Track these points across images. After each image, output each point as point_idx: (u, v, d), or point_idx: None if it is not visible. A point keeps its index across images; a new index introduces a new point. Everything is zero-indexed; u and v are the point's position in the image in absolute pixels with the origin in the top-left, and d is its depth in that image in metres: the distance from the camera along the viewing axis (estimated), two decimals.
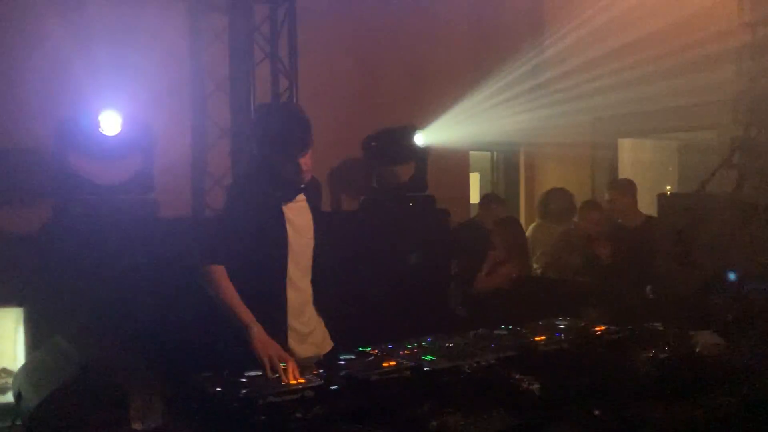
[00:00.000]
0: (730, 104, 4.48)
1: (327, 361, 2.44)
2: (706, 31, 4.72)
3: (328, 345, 2.90)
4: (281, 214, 2.70)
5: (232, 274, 2.57)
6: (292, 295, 2.73)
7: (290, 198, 2.72)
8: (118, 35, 4.27)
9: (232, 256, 2.58)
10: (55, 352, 2.48)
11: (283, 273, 2.70)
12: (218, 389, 2.13)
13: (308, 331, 2.81)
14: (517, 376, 2.21)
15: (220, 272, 2.55)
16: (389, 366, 2.31)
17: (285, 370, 2.26)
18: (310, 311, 2.84)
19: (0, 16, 4.02)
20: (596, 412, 2.08)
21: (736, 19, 4.48)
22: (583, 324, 2.97)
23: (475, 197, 6.85)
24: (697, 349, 2.68)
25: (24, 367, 2.53)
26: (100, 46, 4.16)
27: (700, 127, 5.61)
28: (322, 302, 2.89)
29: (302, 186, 2.73)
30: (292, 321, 2.74)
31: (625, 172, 6.67)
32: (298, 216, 2.76)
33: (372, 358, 2.46)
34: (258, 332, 2.44)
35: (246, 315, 2.50)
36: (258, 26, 4.96)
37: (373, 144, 4.97)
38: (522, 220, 6.73)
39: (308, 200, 2.81)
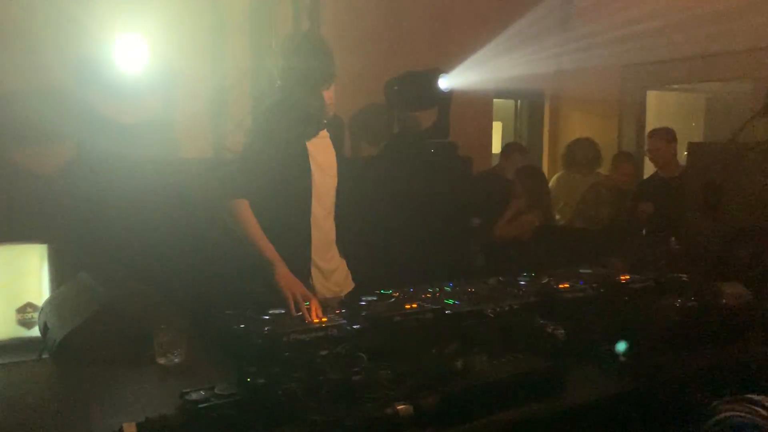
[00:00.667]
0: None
1: (349, 302, 2.43)
2: None
3: (349, 285, 2.90)
4: (305, 150, 2.66)
5: (255, 210, 2.55)
6: (315, 232, 2.71)
7: (314, 133, 2.68)
8: None
9: (256, 192, 2.56)
10: (80, 287, 2.50)
11: (307, 210, 2.68)
12: (242, 326, 2.14)
13: (331, 269, 2.81)
14: (541, 321, 2.19)
15: (244, 207, 2.53)
16: (411, 308, 2.30)
17: (308, 309, 2.26)
18: (333, 250, 2.84)
19: None
20: (621, 358, 2.07)
21: None
22: (607, 272, 2.94)
23: (497, 147, 6.75)
24: (723, 300, 2.64)
25: (50, 302, 2.56)
26: None
27: (734, 77, 5.42)
28: (344, 242, 2.87)
29: (325, 121, 2.68)
30: (316, 258, 2.74)
31: (651, 124, 6.51)
32: (322, 153, 2.73)
33: (394, 300, 2.45)
34: (282, 269, 2.44)
35: (271, 251, 2.49)
36: None
37: (395, 88, 4.87)
38: (545, 171, 6.64)
39: (331, 137, 2.77)
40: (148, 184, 3.54)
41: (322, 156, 2.73)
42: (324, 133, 2.74)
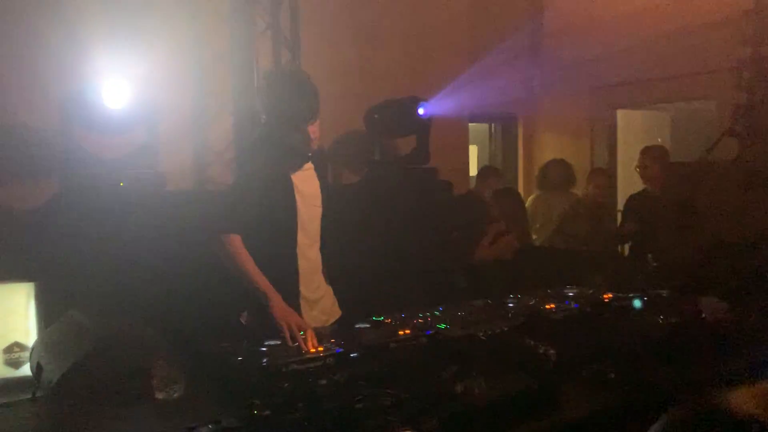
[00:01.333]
0: (732, 72, 4.48)
1: (344, 330, 2.47)
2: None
3: (336, 313, 2.93)
4: (290, 182, 2.71)
5: (245, 242, 2.59)
6: (302, 263, 2.75)
7: (298, 166, 2.73)
8: (120, 4, 4.20)
9: (246, 226, 2.59)
10: (72, 325, 2.49)
11: (293, 241, 2.72)
12: (239, 358, 2.16)
13: (318, 297, 2.84)
14: (532, 342, 2.25)
15: (237, 242, 2.56)
16: (405, 334, 2.35)
17: (304, 339, 2.29)
18: (319, 279, 2.87)
19: None
20: (611, 375, 2.13)
21: None
22: (591, 291, 3.02)
23: (473, 170, 6.86)
24: (704, 315, 2.74)
25: (41, 341, 2.55)
26: (102, 16, 4.10)
27: (699, 96, 5.62)
28: (330, 270, 2.91)
29: (310, 155, 2.74)
30: (303, 288, 2.77)
31: (621, 142, 6.70)
32: (306, 184, 2.78)
33: (387, 326, 2.49)
34: (277, 300, 2.48)
35: (265, 283, 2.53)
36: None
37: (375, 116, 4.96)
38: (521, 192, 6.76)
39: (316, 168, 2.83)
40: (133, 217, 3.54)
41: (307, 187, 2.78)
42: (309, 165, 2.79)
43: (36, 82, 3.86)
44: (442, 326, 2.47)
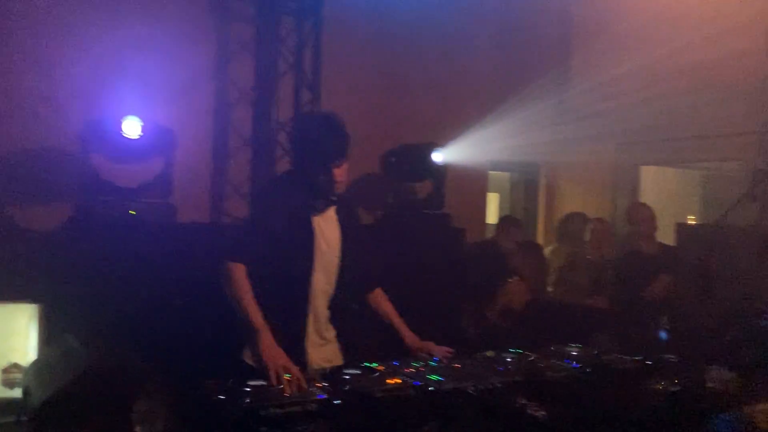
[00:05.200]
0: (756, 136, 4.42)
1: (332, 375, 2.42)
2: (734, 64, 4.68)
3: (339, 360, 2.87)
4: (311, 224, 2.69)
5: (255, 277, 2.56)
6: (313, 305, 2.72)
7: (322, 209, 2.71)
8: (145, 40, 4.33)
9: (255, 258, 2.57)
10: (64, 350, 2.49)
11: (307, 283, 2.68)
12: (221, 397, 2.13)
13: (324, 342, 2.80)
14: (523, 402, 2.18)
15: (240, 271, 2.53)
16: (393, 383, 2.29)
17: (289, 382, 2.25)
18: (327, 323, 2.82)
19: (30, 15, 4.11)
20: None
21: (763, 53, 4.43)
22: (594, 352, 2.93)
23: (492, 217, 6.81)
24: (708, 384, 2.63)
25: (34, 364, 2.55)
26: (128, 50, 4.23)
27: (724, 158, 5.54)
28: (337, 313, 2.88)
29: (334, 198, 2.73)
30: (310, 331, 2.73)
31: (646, 199, 6.59)
32: (328, 229, 2.75)
33: (377, 374, 2.44)
34: (267, 339, 2.44)
35: (257, 318, 2.48)
36: (283, 38, 5.02)
37: (392, 160, 4.98)
38: (539, 242, 6.68)
39: (339, 216, 2.79)
40: (142, 247, 3.57)
41: (329, 232, 2.75)
42: (331, 211, 2.77)
43: (55, 108, 3.97)
44: (434, 378, 2.41)
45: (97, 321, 3.19)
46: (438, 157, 4.94)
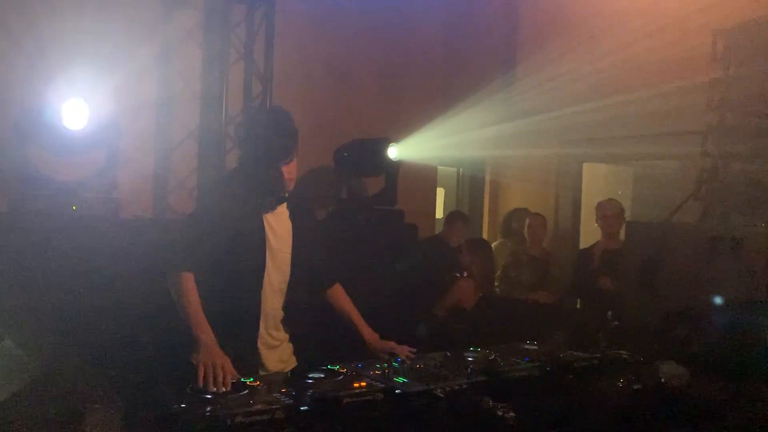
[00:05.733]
0: (699, 136, 4.57)
1: (295, 380, 2.35)
2: (679, 63, 4.83)
3: (293, 362, 2.82)
4: (261, 222, 2.62)
5: (205, 279, 2.48)
6: (265, 306, 2.66)
7: (272, 207, 2.65)
8: (87, 24, 4.10)
9: (206, 263, 2.49)
10: (5, 357, 2.33)
11: (259, 283, 2.62)
12: (182, 405, 2.03)
13: (277, 343, 2.75)
14: (491, 403, 2.17)
15: (188, 280, 2.45)
16: (360, 387, 2.24)
17: (223, 382, 2.17)
18: (280, 324, 2.76)
19: None
20: None
21: (709, 54, 4.59)
22: (551, 349, 2.96)
23: (439, 212, 6.85)
24: (663, 380, 2.70)
25: None
26: (68, 35, 4.00)
27: (664, 156, 5.72)
28: (291, 316, 2.81)
29: (284, 195, 2.66)
30: (263, 333, 2.68)
31: (585, 195, 6.77)
32: (279, 225, 2.69)
33: (341, 377, 2.39)
34: (205, 342, 2.33)
35: (198, 326, 2.38)
36: (234, 27, 4.86)
37: (345, 155, 4.91)
38: (484, 237, 6.76)
39: (290, 213, 2.73)
40: (84, 244, 3.39)
41: (280, 230, 2.69)
42: (282, 207, 2.70)
43: None
44: (400, 380, 2.38)
45: (39, 324, 3.00)
46: (392, 152, 4.90)
